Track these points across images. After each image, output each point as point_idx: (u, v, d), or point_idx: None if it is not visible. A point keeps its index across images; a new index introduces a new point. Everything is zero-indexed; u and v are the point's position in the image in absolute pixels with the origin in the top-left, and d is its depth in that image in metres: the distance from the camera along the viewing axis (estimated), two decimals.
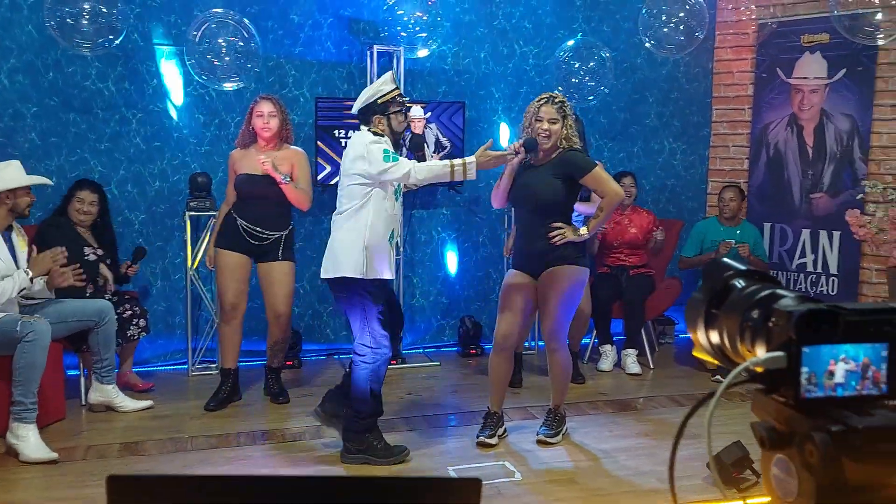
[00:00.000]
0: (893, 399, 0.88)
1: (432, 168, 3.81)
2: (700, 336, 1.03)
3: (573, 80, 5.32)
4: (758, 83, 6.12)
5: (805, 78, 5.84)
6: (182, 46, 5.01)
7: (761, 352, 0.88)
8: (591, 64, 5.33)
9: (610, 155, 6.18)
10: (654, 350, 5.71)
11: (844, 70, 5.62)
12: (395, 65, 5.41)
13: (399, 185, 3.85)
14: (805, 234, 5.90)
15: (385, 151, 3.71)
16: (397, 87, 3.82)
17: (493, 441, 4.06)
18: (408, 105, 3.90)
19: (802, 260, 5.93)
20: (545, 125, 3.89)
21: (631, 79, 6.15)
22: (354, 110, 3.87)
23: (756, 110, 6.16)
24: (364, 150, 3.71)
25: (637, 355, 5.43)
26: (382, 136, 3.78)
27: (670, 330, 6.19)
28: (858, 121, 5.60)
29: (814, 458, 0.81)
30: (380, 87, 3.81)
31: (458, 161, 3.80)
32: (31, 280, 4.08)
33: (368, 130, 3.80)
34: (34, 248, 4.26)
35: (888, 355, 0.87)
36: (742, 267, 1.02)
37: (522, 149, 3.89)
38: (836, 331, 0.85)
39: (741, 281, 0.99)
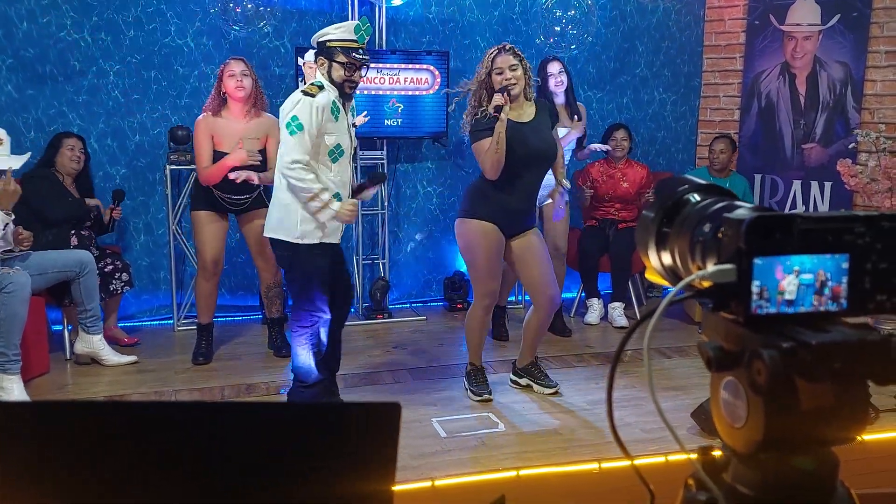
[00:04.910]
0: (854, 316, 0.81)
1: (304, 181, 3.45)
2: (652, 257, 0.96)
3: (555, 28, 5.18)
4: (750, 31, 5.99)
5: (798, 24, 5.71)
6: None
7: (711, 266, 0.81)
8: (573, 12, 5.19)
9: (599, 106, 6.07)
10: (642, 303, 5.67)
11: (838, 16, 5.49)
12: (376, 13, 5.28)
13: (339, 148, 3.57)
14: (796, 185, 5.82)
15: (292, 119, 3.45)
16: (356, 41, 3.54)
17: (492, 396, 4.05)
18: (360, 64, 3.57)
19: (793, 211, 5.85)
20: (507, 74, 3.72)
21: (620, 27, 6.01)
22: (312, 41, 3.67)
23: (748, 59, 6.04)
24: (287, 108, 3.52)
25: (624, 308, 5.39)
26: (313, 95, 3.48)
27: (658, 283, 6.14)
28: (852, 68, 5.48)
29: (762, 377, 0.74)
30: (335, 30, 3.56)
31: (326, 197, 3.48)
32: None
33: (302, 88, 3.59)
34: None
35: (849, 268, 0.80)
36: (699, 181, 0.94)
37: (507, 98, 3.69)
38: (790, 240, 0.77)
39: (696, 195, 0.92)
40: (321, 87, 3.54)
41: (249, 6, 4.83)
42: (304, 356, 3.68)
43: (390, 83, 5.28)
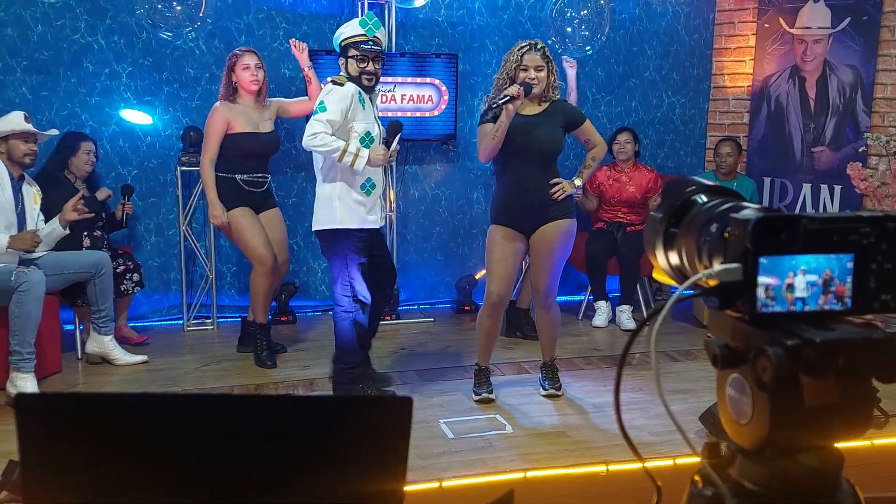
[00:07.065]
0: (859, 315, 0.82)
1: (327, 143, 3.65)
2: (659, 257, 0.97)
3: (567, 29, 5.20)
4: (760, 34, 5.99)
5: (808, 28, 5.71)
6: None
7: (718, 265, 0.83)
8: (585, 12, 5.20)
9: (607, 109, 6.07)
10: (650, 306, 5.67)
11: (848, 19, 5.48)
12: (386, 16, 5.30)
13: (369, 135, 3.78)
14: (806, 188, 5.82)
15: (320, 103, 3.70)
16: (363, 35, 3.74)
17: (493, 396, 4.06)
18: (372, 55, 3.77)
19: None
20: (532, 73, 3.77)
21: (629, 30, 6.02)
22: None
23: (757, 62, 6.04)
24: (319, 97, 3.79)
25: (632, 311, 5.39)
26: (342, 84, 3.73)
27: (666, 286, 6.15)
28: (862, 72, 5.48)
29: (767, 374, 0.76)
30: (343, 29, 3.82)
31: (353, 147, 3.68)
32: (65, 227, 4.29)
33: (332, 79, 3.81)
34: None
35: (854, 267, 0.81)
36: (707, 182, 0.96)
37: (522, 92, 3.70)
38: (796, 239, 0.79)
39: (703, 196, 0.94)
40: (348, 79, 3.77)
41: (178, 8, 4.70)
42: (349, 339, 3.85)
43: (391, 101, 5.32)
